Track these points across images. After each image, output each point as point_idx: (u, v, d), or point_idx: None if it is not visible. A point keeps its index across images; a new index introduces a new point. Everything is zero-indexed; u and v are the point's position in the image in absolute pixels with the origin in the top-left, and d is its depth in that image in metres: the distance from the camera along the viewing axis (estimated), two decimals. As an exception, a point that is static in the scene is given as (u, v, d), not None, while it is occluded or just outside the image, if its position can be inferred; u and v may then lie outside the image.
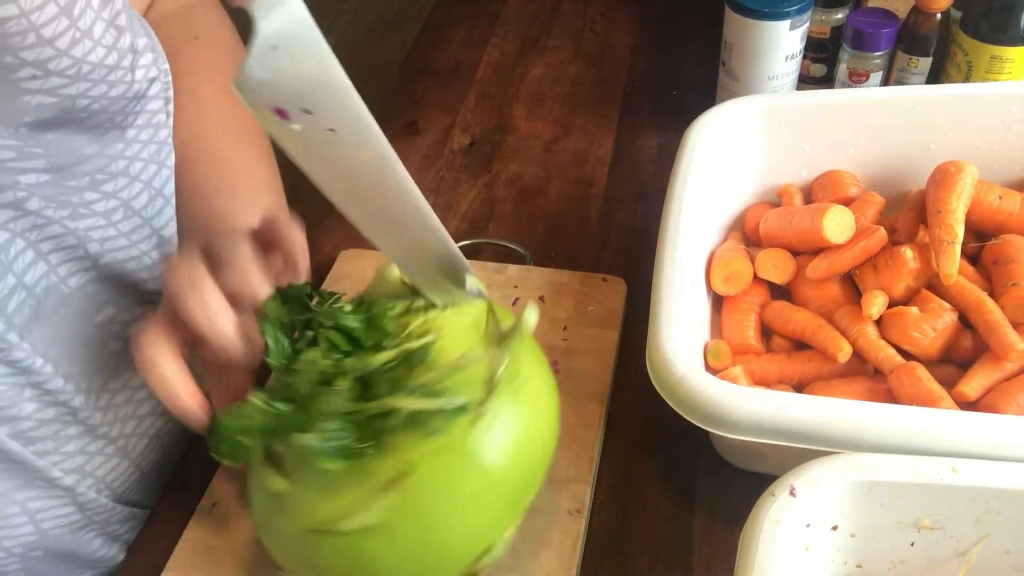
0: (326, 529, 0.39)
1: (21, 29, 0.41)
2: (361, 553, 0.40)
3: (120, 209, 0.53)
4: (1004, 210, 0.60)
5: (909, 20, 0.74)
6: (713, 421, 0.46)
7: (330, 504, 0.40)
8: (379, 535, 0.39)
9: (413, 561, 0.40)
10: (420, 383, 0.40)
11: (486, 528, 0.42)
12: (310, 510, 0.40)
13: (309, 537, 0.41)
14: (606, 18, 1.05)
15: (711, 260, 0.63)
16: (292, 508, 0.41)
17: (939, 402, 0.50)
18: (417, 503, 0.39)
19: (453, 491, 0.40)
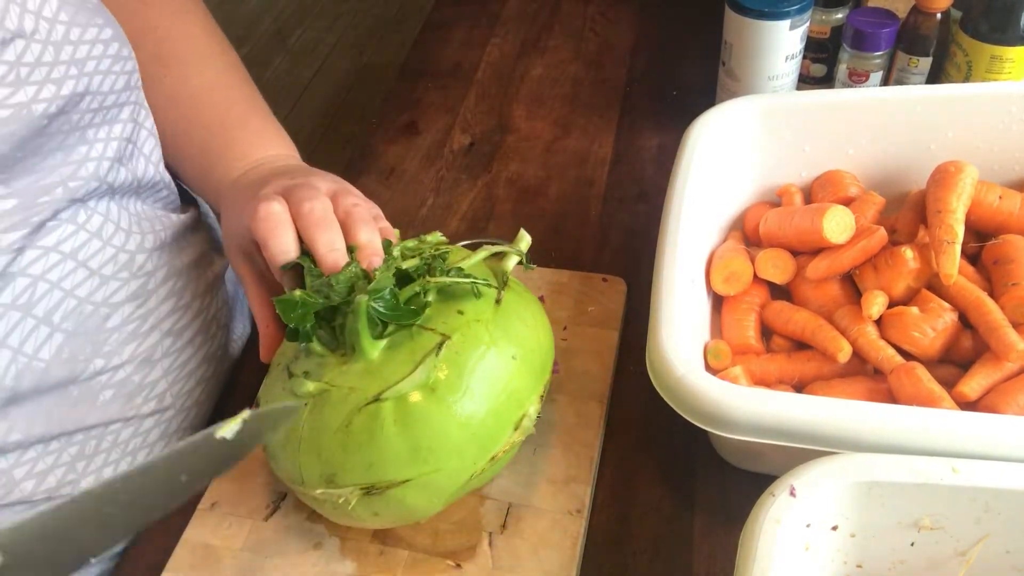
0: (380, 398, 0.43)
1: None
2: (411, 423, 0.43)
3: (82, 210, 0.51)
4: (1004, 210, 0.60)
5: (909, 20, 0.74)
6: (713, 421, 0.46)
7: (378, 380, 0.44)
8: (428, 396, 0.43)
9: (460, 428, 0.44)
10: (447, 268, 0.47)
11: (519, 394, 0.47)
12: (358, 392, 0.44)
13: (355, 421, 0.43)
14: (606, 18, 1.05)
15: (711, 260, 0.63)
16: (336, 399, 0.44)
17: (939, 402, 0.50)
18: (459, 365, 0.44)
19: (487, 356, 0.45)
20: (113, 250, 0.53)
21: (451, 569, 0.51)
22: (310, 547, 0.53)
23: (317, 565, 0.52)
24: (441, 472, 0.45)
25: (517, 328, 0.48)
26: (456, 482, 0.46)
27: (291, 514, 0.55)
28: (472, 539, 0.53)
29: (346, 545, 0.53)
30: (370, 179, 0.84)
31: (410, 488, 0.44)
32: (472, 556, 0.52)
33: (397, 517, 0.48)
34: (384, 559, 0.52)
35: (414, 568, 0.51)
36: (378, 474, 0.44)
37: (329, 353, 0.47)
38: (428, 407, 0.43)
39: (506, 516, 0.53)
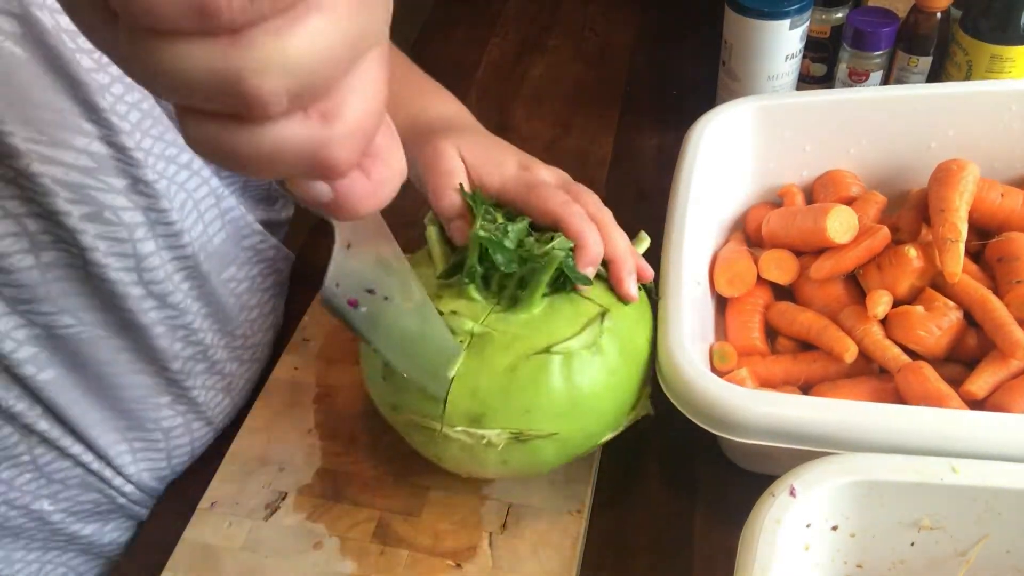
0: (554, 351, 0.45)
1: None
2: (575, 379, 0.46)
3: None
4: (1006, 207, 0.60)
5: (909, 19, 0.74)
6: (725, 425, 0.46)
7: (546, 334, 0.46)
8: (593, 358, 0.46)
9: (609, 393, 0.47)
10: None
11: (646, 371, 0.51)
12: (526, 340, 0.46)
13: (523, 367, 0.45)
14: (606, 18, 1.05)
15: (714, 262, 0.63)
16: (500, 343, 0.46)
17: (947, 401, 0.50)
18: (616, 336, 0.48)
19: (634, 334, 0.50)
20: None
21: (451, 569, 0.51)
22: (310, 547, 0.53)
23: (317, 565, 0.52)
24: (582, 431, 0.48)
25: (647, 318, 0.52)
26: (587, 443, 0.49)
27: (291, 514, 0.55)
28: (472, 539, 0.52)
29: (346, 545, 0.53)
30: (370, 179, 0.84)
31: (552, 441, 0.47)
32: (472, 556, 0.52)
33: (521, 468, 0.49)
34: (384, 559, 0.52)
35: (414, 568, 0.51)
36: (533, 422, 0.46)
37: (483, 300, 0.48)
38: (590, 368, 0.46)
39: (506, 516, 0.53)
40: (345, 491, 0.56)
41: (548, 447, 0.47)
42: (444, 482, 0.55)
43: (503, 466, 0.48)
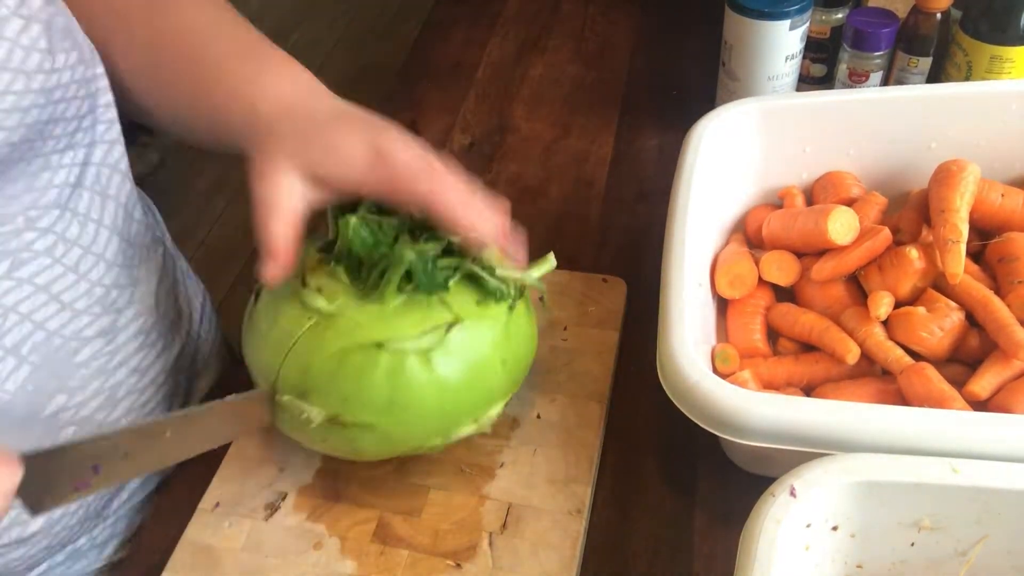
0: (382, 345, 0.46)
1: None
2: (398, 379, 0.46)
3: (58, 244, 0.50)
4: (1007, 208, 0.60)
5: (909, 20, 0.74)
6: (728, 427, 0.46)
7: (386, 329, 0.46)
8: (423, 363, 0.46)
9: (435, 402, 0.47)
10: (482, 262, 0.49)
11: (492, 395, 0.50)
12: (365, 331, 0.46)
13: (352, 356, 0.46)
14: (606, 18, 1.05)
15: (715, 263, 0.63)
16: (341, 328, 0.46)
17: (951, 402, 0.50)
18: (458, 349, 0.47)
19: (483, 353, 0.49)
20: (88, 284, 0.53)
21: (451, 569, 0.51)
22: (310, 547, 0.53)
23: (317, 565, 0.52)
24: (400, 430, 0.48)
25: (515, 338, 0.51)
26: (407, 444, 0.50)
27: (291, 514, 0.55)
28: (472, 539, 0.53)
29: (346, 545, 0.53)
30: (370, 179, 0.84)
31: (368, 433, 0.48)
32: (472, 556, 0.52)
33: (342, 451, 0.51)
34: (384, 559, 0.52)
35: (414, 568, 0.51)
36: (350, 410, 0.47)
37: (347, 283, 0.48)
38: (418, 373, 0.46)
39: (506, 516, 0.53)
40: (345, 491, 0.56)
41: (365, 437, 0.48)
42: (444, 482, 0.56)
43: (323, 443, 0.50)
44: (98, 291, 0.53)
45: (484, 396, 0.50)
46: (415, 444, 0.50)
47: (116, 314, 0.55)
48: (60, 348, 0.51)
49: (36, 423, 0.51)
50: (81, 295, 0.52)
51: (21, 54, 0.44)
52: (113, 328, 0.55)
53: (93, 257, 0.53)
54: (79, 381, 0.53)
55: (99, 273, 0.53)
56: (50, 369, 0.51)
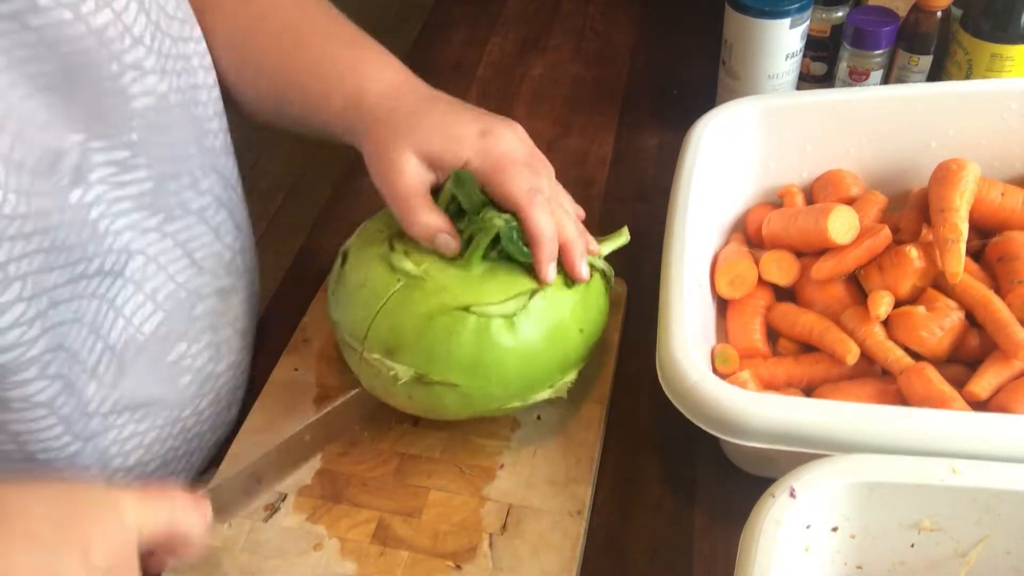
0: (468, 309, 0.49)
1: (118, 33, 0.43)
2: (484, 342, 0.49)
3: (212, 205, 0.54)
4: (1007, 207, 0.60)
5: (909, 18, 0.74)
6: (727, 428, 0.46)
7: (473, 293, 0.49)
8: (508, 327, 0.49)
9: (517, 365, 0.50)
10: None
11: (568, 361, 0.53)
12: (452, 294, 0.49)
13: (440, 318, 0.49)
14: (606, 18, 1.05)
15: (715, 263, 0.62)
16: (429, 290, 0.49)
17: (951, 403, 0.50)
18: (541, 316, 0.50)
19: (562, 320, 0.51)
20: (221, 247, 0.57)
21: (451, 570, 0.51)
22: (310, 548, 0.53)
23: (317, 566, 0.52)
24: (483, 391, 0.50)
25: (591, 308, 0.53)
26: (489, 405, 0.52)
27: (291, 515, 0.55)
28: (472, 540, 0.52)
29: (346, 546, 0.53)
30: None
31: (452, 392, 0.50)
32: (472, 557, 0.52)
33: (426, 408, 0.53)
34: (384, 560, 0.52)
35: (414, 569, 0.51)
36: (436, 368, 0.49)
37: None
38: (503, 336, 0.49)
39: (506, 517, 0.53)
40: (345, 492, 0.56)
41: (449, 395, 0.50)
42: (444, 483, 0.56)
43: (409, 400, 0.52)
44: (227, 255, 0.58)
45: (561, 362, 0.52)
46: (496, 406, 0.52)
47: (235, 278, 0.59)
48: (184, 301, 0.55)
49: (163, 367, 0.54)
50: (211, 255, 0.56)
51: (168, 22, 0.48)
52: (228, 290, 0.59)
53: (233, 222, 0.57)
54: (195, 333, 0.56)
55: (231, 238, 0.58)
56: (177, 318, 0.54)
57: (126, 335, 0.51)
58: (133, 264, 0.50)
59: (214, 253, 0.56)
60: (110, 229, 0.48)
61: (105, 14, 0.42)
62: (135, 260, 0.50)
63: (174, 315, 0.54)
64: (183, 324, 0.55)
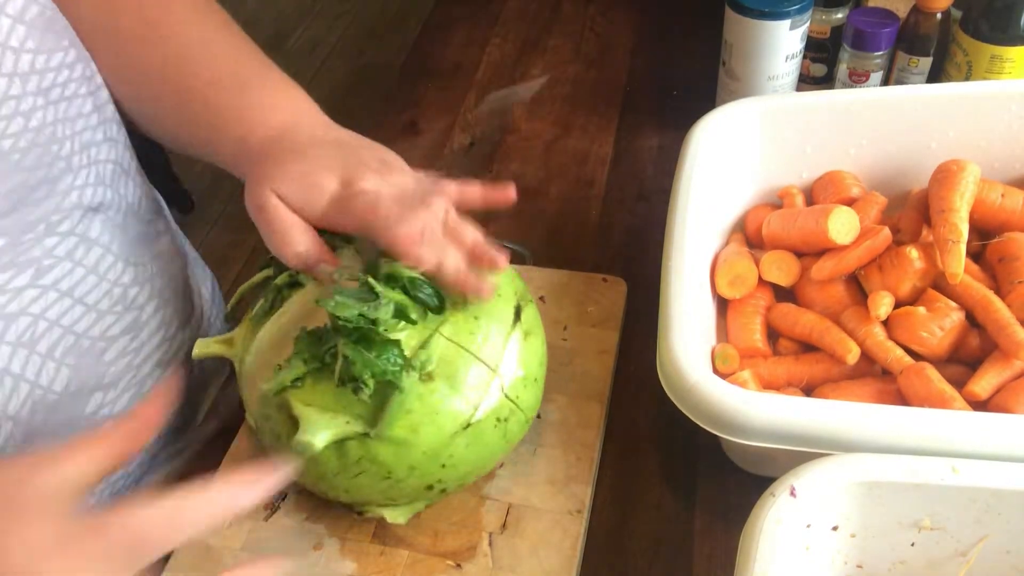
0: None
1: None
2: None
3: (80, 246, 0.51)
4: (1007, 208, 0.60)
5: (909, 20, 0.74)
6: (728, 427, 0.46)
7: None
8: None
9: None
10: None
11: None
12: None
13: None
14: (606, 18, 1.05)
15: (715, 263, 0.63)
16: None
17: (951, 402, 0.50)
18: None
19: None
20: (108, 285, 0.53)
21: (451, 569, 0.51)
22: (310, 547, 0.53)
23: (317, 565, 0.52)
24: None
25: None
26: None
27: (291, 514, 0.55)
28: (472, 539, 0.52)
29: (346, 546, 0.53)
30: (370, 179, 0.84)
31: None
32: (472, 556, 0.52)
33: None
34: (384, 559, 0.52)
35: (414, 568, 0.51)
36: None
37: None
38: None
39: (506, 516, 0.53)
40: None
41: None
42: (444, 482, 0.56)
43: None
44: (117, 291, 0.54)
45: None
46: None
47: (138, 311, 0.56)
48: (89, 349, 0.52)
49: (81, 420, 0.52)
50: (103, 296, 0.52)
51: (12, 57, 0.44)
52: (136, 325, 0.56)
53: (112, 256, 0.53)
54: (111, 378, 0.54)
55: (117, 273, 0.54)
56: (86, 370, 0.52)
57: (32, 399, 0.48)
58: (17, 327, 0.47)
59: (105, 293, 0.53)
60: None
61: None
62: (18, 323, 0.47)
63: (82, 367, 0.51)
64: (96, 372, 0.53)
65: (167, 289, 0.60)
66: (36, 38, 0.45)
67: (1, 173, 0.44)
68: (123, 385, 0.55)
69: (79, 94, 0.49)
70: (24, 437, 0.48)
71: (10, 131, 0.44)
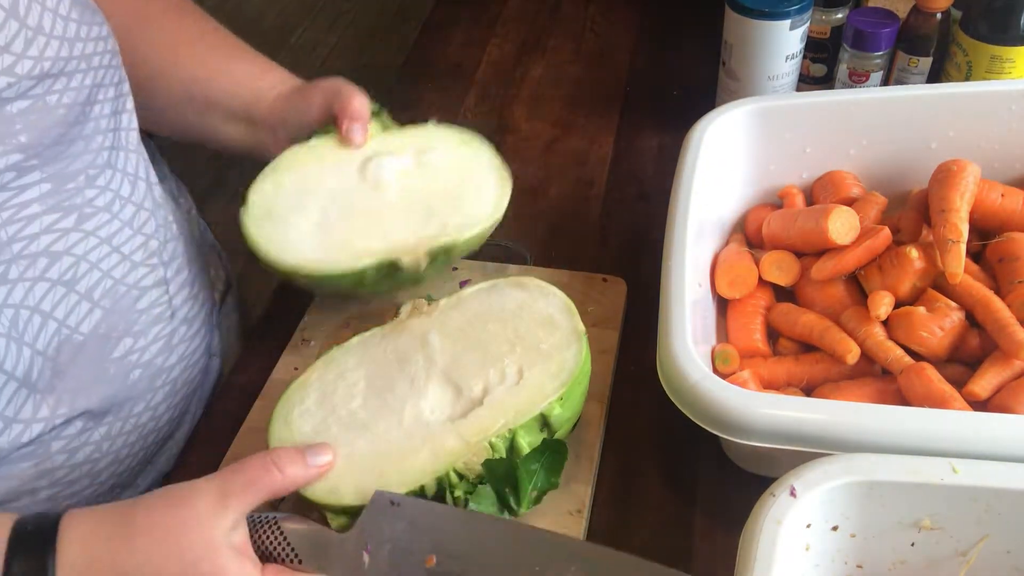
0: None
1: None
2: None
3: (116, 201, 0.54)
4: (1007, 208, 0.60)
5: (909, 20, 0.74)
6: (728, 427, 0.46)
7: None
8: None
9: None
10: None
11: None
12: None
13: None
14: (606, 18, 1.05)
15: (715, 264, 0.63)
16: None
17: (950, 402, 0.50)
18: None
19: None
20: (143, 238, 0.56)
21: (451, 569, 0.51)
22: (310, 547, 0.53)
23: (317, 565, 0.52)
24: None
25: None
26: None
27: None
28: (472, 539, 0.52)
29: (346, 545, 0.53)
30: (370, 179, 0.84)
31: None
32: (472, 556, 0.52)
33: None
34: (384, 559, 0.52)
35: (414, 568, 0.51)
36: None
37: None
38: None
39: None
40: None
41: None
42: (444, 482, 0.55)
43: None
44: (153, 244, 0.57)
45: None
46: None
47: (166, 267, 0.59)
48: (124, 295, 0.55)
49: (109, 363, 0.54)
50: (138, 247, 0.56)
51: (61, 23, 0.48)
52: (166, 279, 0.59)
53: (145, 212, 0.57)
54: (142, 326, 0.56)
55: (151, 228, 0.57)
56: (119, 314, 0.54)
57: (58, 338, 0.51)
58: (60, 266, 0.50)
59: (140, 246, 0.56)
60: (18, 235, 0.47)
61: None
62: (61, 262, 0.50)
63: (114, 311, 0.54)
64: (126, 319, 0.55)
65: (191, 249, 0.64)
66: (78, 10, 0.50)
67: (47, 125, 0.48)
68: (152, 335, 0.58)
69: (112, 65, 0.53)
70: (53, 373, 0.51)
71: (56, 87, 0.48)
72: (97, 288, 0.53)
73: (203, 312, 0.65)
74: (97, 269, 0.52)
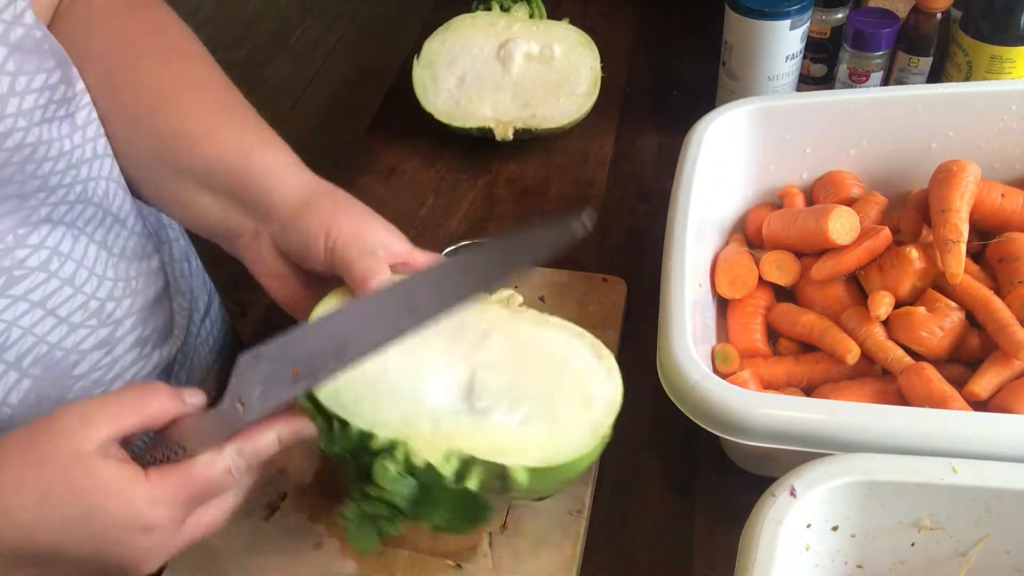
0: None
1: None
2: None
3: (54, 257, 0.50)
4: (1007, 208, 0.60)
5: (909, 20, 0.74)
6: (728, 427, 0.46)
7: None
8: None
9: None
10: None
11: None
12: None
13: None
14: (606, 18, 1.05)
15: (715, 264, 0.63)
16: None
17: (951, 402, 0.50)
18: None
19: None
20: (84, 297, 0.52)
21: (451, 569, 0.51)
22: (310, 547, 0.53)
23: (317, 565, 0.52)
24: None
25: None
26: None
27: (291, 514, 0.55)
28: (472, 539, 0.52)
29: (346, 545, 0.53)
30: (370, 179, 0.84)
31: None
32: (472, 556, 0.52)
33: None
34: (384, 559, 0.52)
35: (414, 568, 0.51)
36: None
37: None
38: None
39: (506, 516, 0.53)
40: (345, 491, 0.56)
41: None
42: (444, 482, 0.55)
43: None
44: (93, 304, 0.53)
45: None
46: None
47: (114, 326, 0.55)
48: (60, 361, 0.51)
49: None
50: (77, 308, 0.52)
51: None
52: (111, 340, 0.55)
53: (86, 271, 0.52)
54: (78, 393, 0.53)
55: (93, 286, 0.53)
56: (51, 382, 0.51)
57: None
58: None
59: (79, 306, 0.52)
60: None
61: None
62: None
63: (45, 379, 0.50)
64: (59, 387, 0.52)
65: (147, 307, 0.59)
66: (17, 61, 0.44)
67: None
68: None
69: (56, 116, 0.48)
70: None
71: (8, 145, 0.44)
72: (28, 355, 0.49)
73: (154, 373, 0.60)
74: (30, 334, 0.49)
